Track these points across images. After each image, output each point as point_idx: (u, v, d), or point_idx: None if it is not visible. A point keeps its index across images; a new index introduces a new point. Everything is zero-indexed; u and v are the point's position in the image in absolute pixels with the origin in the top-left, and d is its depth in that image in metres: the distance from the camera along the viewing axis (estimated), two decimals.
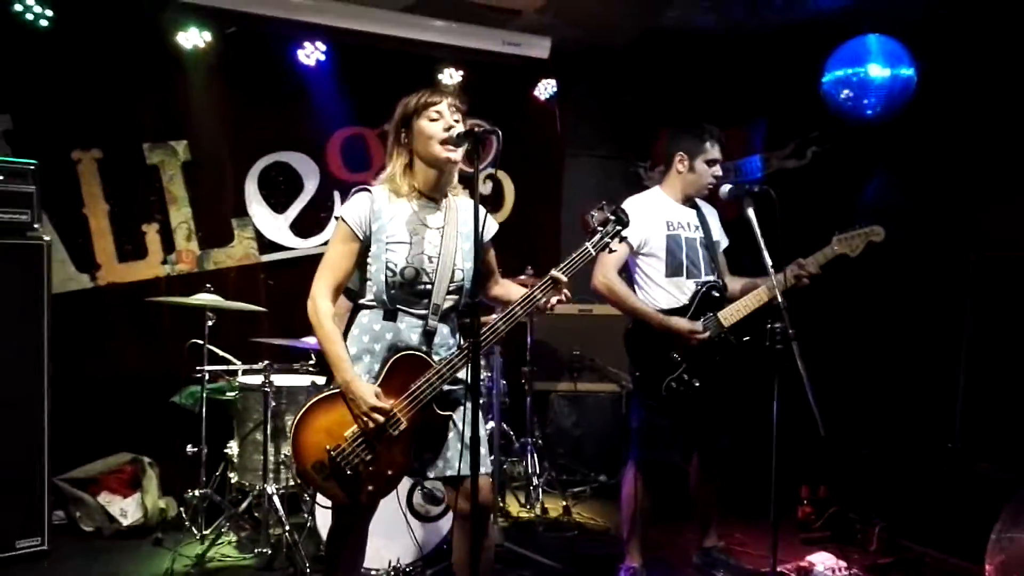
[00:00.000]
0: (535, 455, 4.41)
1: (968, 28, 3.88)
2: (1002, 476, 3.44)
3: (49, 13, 4.00)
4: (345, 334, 2.40)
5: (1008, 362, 3.70)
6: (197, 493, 3.74)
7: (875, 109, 3.96)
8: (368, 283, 2.37)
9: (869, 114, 3.99)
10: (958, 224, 3.99)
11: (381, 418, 2.24)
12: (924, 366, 4.05)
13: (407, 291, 2.34)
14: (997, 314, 3.79)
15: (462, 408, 2.37)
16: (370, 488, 2.30)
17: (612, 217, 2.40)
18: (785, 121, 4.86)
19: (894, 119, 3.98)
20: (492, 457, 4.02)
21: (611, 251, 2.46)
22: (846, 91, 3.99)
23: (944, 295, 3.99)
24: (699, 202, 3.34)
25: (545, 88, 5.22)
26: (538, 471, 4.39)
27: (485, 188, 5.15)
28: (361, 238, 2.35)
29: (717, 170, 3.22)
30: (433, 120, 2.36)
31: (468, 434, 2.25)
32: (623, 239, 2.44)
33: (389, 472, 2.31)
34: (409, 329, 2.35)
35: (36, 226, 3.54)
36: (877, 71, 3.85)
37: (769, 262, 2.72)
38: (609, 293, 3.14)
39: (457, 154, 2.35)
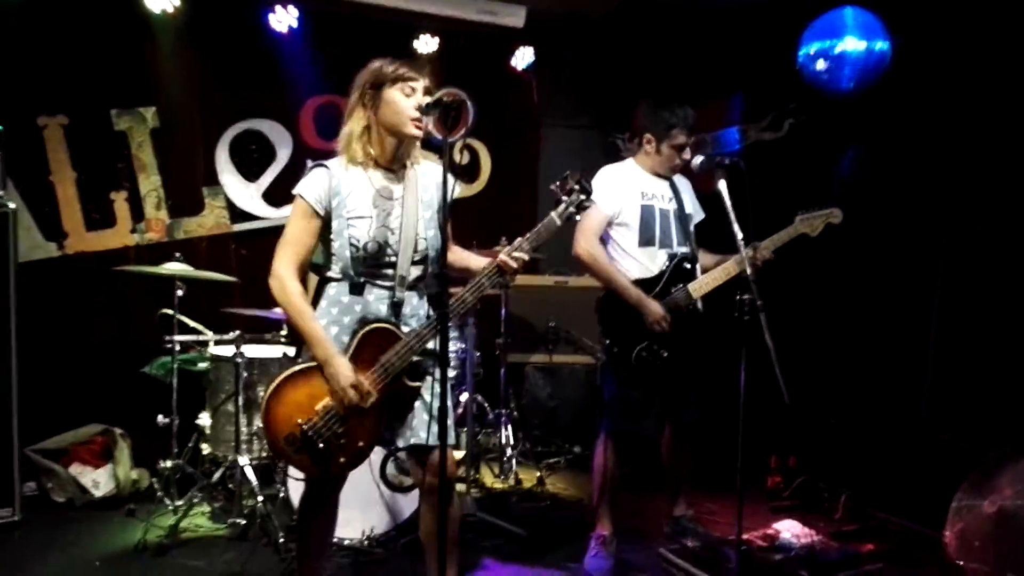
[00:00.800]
0: (509, 426, 4.44)
1: (943, 2, 3.87)
2: (965, 445, 3.52)
3: None
4: (312, 306, 2.38)
5: (977, 335, 3.76)
6: (169, 464, 3.73)
7: (850, 82, 3.96)
8: (333, 257, 2.35)
9: (844, 87, 3.98)
10: (930, 198, 4.03)
11: (357, 393, 2.24)
12: (894, 338, 4.11)
13: (372, 264, 2.33)
14: (967, 288, 3.84)
15: (430, 379, 2.37)
16: (341, 460, 2.30)
17: (576, 187, 2.38)
18: (762, 93, 4.85)
19: (869, 92, 3.99)
20: (466, 429, 4.04)
21: (575, 220, 2.44)
22: (822, 63, 3.98)
23: (915, 268, 4.03)
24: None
25: (522, 57, 5.16)
26: (512, 442, 4.42)
27: (460, 158, 5.11)
28: (322, 214, 2.33)
29: (685, 154, 3.23)
30: (407, 95, 2.32)
31: (436, 405, 2.25)
32: (587, 208, 2.42)
33: (360, 444, 2.32)
34: (377, 301, 2.34)
35: (1, 193, 3.47)
36: (853, 44, 3.84)
37: (740, 235, 2.72)
38: (592, 261, 3.15)
39: (422, 132, 2.33)
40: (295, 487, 3.27)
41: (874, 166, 4.25)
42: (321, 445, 2.26)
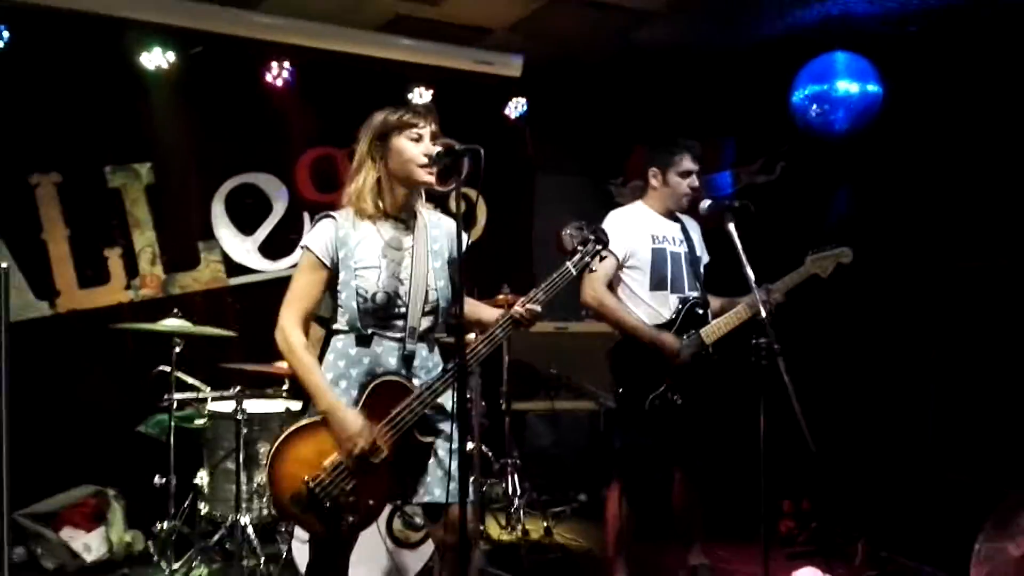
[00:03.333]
0: (515, 476, 4.35)
1: (934, 46, 3.96)
2: (973, 483, 3.48)
3: (5, 33, 3.88)
4: (320, 360, 2.33)
5: (977, 371, 3.75)
6: (165, 526, 3.58)
7: (843, 125, 4.03)
8: (340, 309, 2.31)
9: (837, 130, 4.05)
10: (924, 238, 4.05)
11: (367, 446, 2.17)
12: (894, 377, 4.09)
13: (381, 315, 2.28)
14: (965, 324, 3.84)
15: (443, 434, 2.31)
16: (351, 519, 2.22)
17: (592, 237, 2.37)
18: (755, 136, 4.92)
19: (862, 135, 4.05)
20: (473, 479, 3.95)
21: (591, 271, 2.43)
22: (815, 107, 4.05)
23: (911, 308, 4.04)
24: (682, 217, 3.35)
25: (516, 107, 5.21)
26: (518, 492, 4.32)
27: (458, 207, 5.10)
28: (329, 266, 2.29)
29: (693, 181, 3.23)
30: (414, 140, 2.30)
31: (449, 463, 2.23)
32: (604, 258, 2.42)
33: (370, 502, 2.24)
34: (386, 353, 2.29)
35: None
36: (845, 87, 3.91)
37: (752, 277, 2.71)
38: (600, 308, 3.13)
39: (434, 177, 2.31)
40: (299, 546, 3.16)
41: (867, 208, 4.29)
42: (329, 504, 2.18)
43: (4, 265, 3.39)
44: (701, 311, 3.18)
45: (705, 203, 3.04)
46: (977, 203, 3.83)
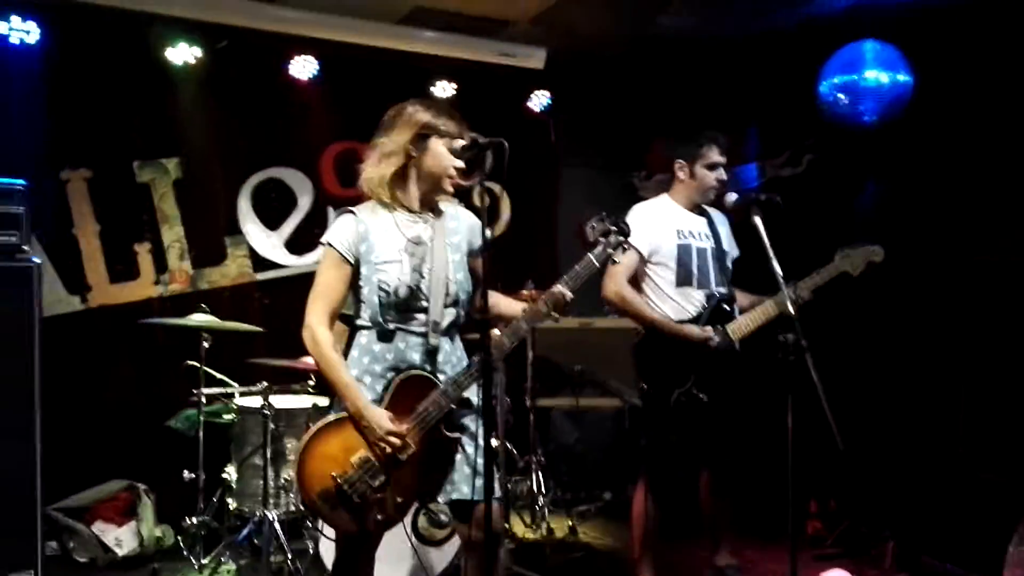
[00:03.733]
0: (539, 473, 4.34)
1: (965, 34, 3.86)
2: (1006, 483, 3.40)
3: (36, 30, 3.92)
4: (344, 356, 2.34)
5: (1009, 368, 3.67)
6: (195, 520, 3.62)
7: (872, 116, 3.94)
8: (362, 305, 2.32)
9: (866, 121, 3.96)
10: (956, 231, 3.96)
11: (398, 441, 2.18)
12: (924, 374, 4.01)
13: (403, 310, 2.28)
14: (996, 320, 3.76)
15: (469, 429, 2.31)
16: (379, 516, 2.23)
17: (614, 228, 2.35)
18: (781, 129, 4.84)
19: (891, 126, 3.96)
20: (499, 477, 3.95)
21: (614, 262, 2.41)
22: (842, 97, 3.96)
23: (944, 302, 3.96)
24: (710, 210, 3.30)
25: (539, 100, 5.18)
26: (543, 490, 4.31)
27: (479, 202, 5.09)
28: (352, 262, 2.30)
29: (720, 173, 3.18)
30: (452, 150, 2.32)
31: (476, 458, 2.23)
32: (626, 249, 2.39)
33: (399, 499, 2.24)
34: (410, 348, 2.29)
35: (25, 248, 3.45)
36: (874, 77, 3.83)
37: (779, 272, 2.67)
38: (621, 303, 3.09)
39: (453, 190, 2.35)
40: (326, 543, 3.18)
41: (896, 202, 4.20)
42: (357, 500, 2.19)
43: (37, 260, 3.48)
44: (728, 307, 3.14)
45: (731, 196, 3.00)
46: (1010, 196, 3.74)
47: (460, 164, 2.31)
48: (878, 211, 4.26)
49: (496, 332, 2.32)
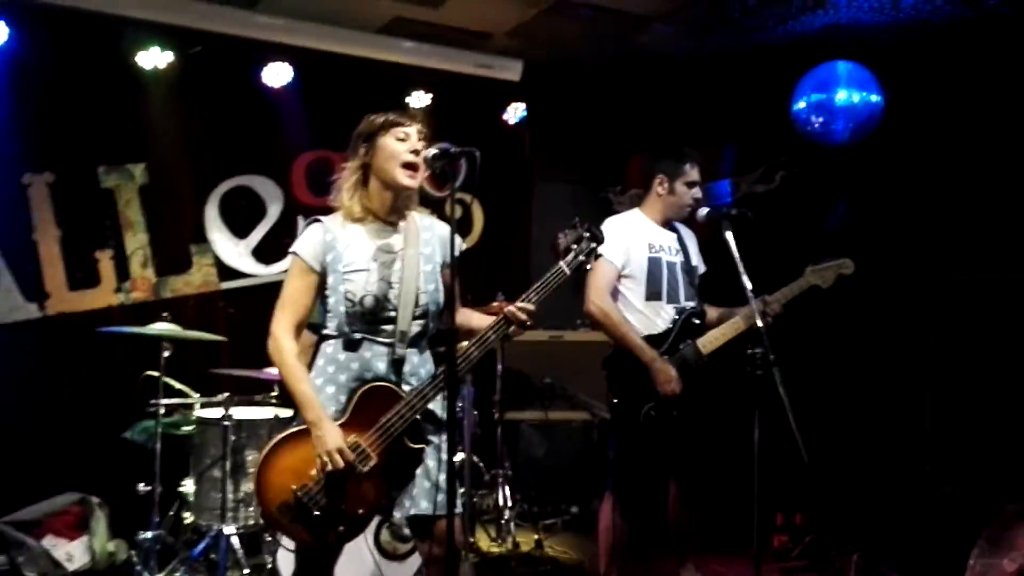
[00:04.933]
0: (506, 487, 4.28)
1: (935, 56, 3.94)
2: (969, 498, 3.43)
3: (4, 31, 3.83)
4: (310, 366, 2.30)
5: (973, 384, 3.72)
6: (149, 535, 3.51)
7: (844, 135, 3.99)
8: (328, 314, 2.28)
9: (838, 139, 4.02)
10: (923, 249, 4.02)
11: (342, 462, 2.12)
12: (890, 389, 4.05)
13: (369, 319, 2.25)
14: (962, 337, 3.80)
15: (433, 443, 2.26)
16: (340, 529, 2.18)
17: (587, 234, 2.32)
18: (754, 145, 4.89)
19: (862, 145, 4.01)
20: (463, 491, 3.89)
21: (586, 269, 2.38)
22: (815, 117, 4.01)
23: (909, 318, 4.01)
24: (678, 225, 3.32)
25: (515, 112, 5.18)
26: (509, 503, 4.26)
27: (453, 213, 5.06)
28: (318, 270, 2.27)
29: (696, 192, 3.21)
30: (400, 140, 2.28)
31: (437, 473, 2.20)
32: (598, 256, 2.37)
33: (359, 511, 2.19)
34: (375, 358, 2.25)
35: None
36: (846, 97, 3.88)
37: (749, 286, 2.67)
38: (604, 318, 3.07)
39: (415, 180, 2.28)
40: (284, 557, 3.11)
41: (866, 218, 4.25)
42: (317, 512, 2.14)
43: None
44: (698, 321, 3.13)
45: (703, 211, 3.01)
46: (976, 215, 3.80)
47: (410, 156, 2.24)
48: (848, 227, 4.30)
49: (463, 345, 2.28)
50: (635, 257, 3.13)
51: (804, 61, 4.06)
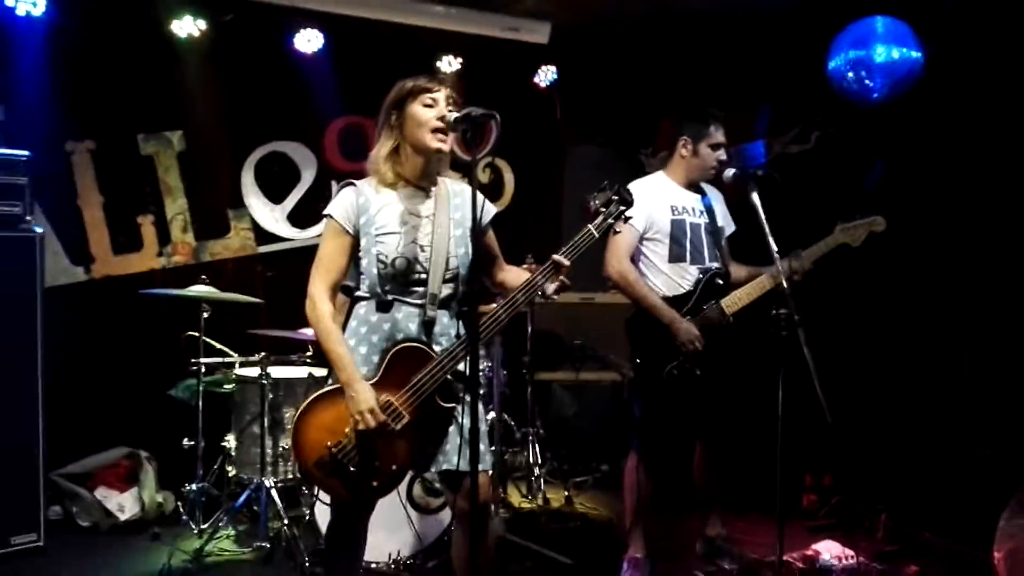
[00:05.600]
0: (536, 445, 4.37)
1: (975, 11, 3.80)
2: (1006, 459, 3.40)
3: (43, 2, 3.92)
4: (344, 327, 2.36)
5: (1014, 345, 3.65)
6: (195, 487, 3.69)
7: (881, 92, 3.88)
8: (361, 276, 2.33)
9: (875, 97, 3.91)
10: (962, 209, 3.93)
11: (373, 422, 2.19)
12: (928, 349, 4.00)
13: (401, 281, 2.30)
14: (1002, 298, 3.74)
15: (464, 401, 2.32)
16: (374, 484, 2.25)
17: (615, 197, 2.33)
18: (789, 105, 4.79)
19: (900, 103, 3.92)
20: (493, 448, 3.98)
21: (615, 232, 2.40)
22: (851, 74, 3.91)
23: (947, 279, 3.94)
24: (705, 186, 3.30)
25: (545, 75, 5.15)
26: (540, 461, 4.35)
27: (484, 177, 5.09)
28: (351, 232, 2.32)
29: (721, 154, 3.18)
30: (427, 106, 2.30)
31: (468, 427, 2.22)
32: (627, 219, 2.38)
33: (393, 467, 2.26)
34: (407, 319, 2.30)
35: (28, 218, 3.49)
36: (884, 53, 3.77)
37: (774, 247, 2.66)
38: (623, 281, 3.09)
39: (446, 144, 2.30)
40: (321, 510, 3.22)
41: (902, 178, 4.17)
42: (352, 469, 2.21)
43: (40, 230, 3.51)
44: (722, 281, 3.13)
45: (729, 172, 2.99)
46: (1016, 174, 3.70)
47: (438, 122, 2.26)
48: (884, 187, 4.22)
49: (493, 305, 2.32)
50: (658, 220, 3.13)
51: (840, 17, 3.95)
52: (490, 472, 2.65)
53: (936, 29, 3.80)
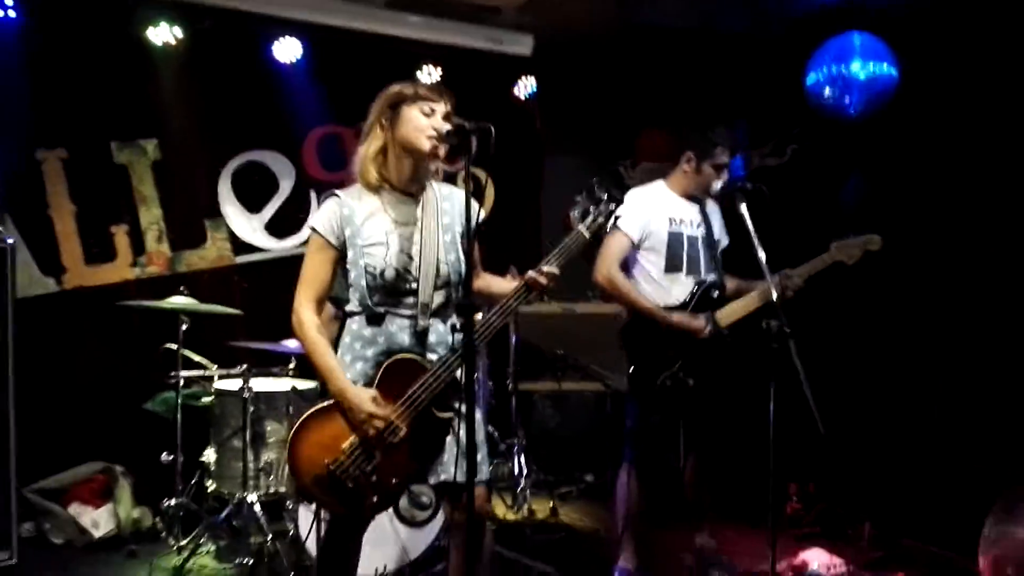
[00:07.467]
0: (521, 456, 4.35)
1: (950, 27, 3.90)
2: (982, 467, 3.46)
3: (15, 8, 3.83)
4: (337, 342, 2.32)
5: (989, 351, 3.72)
6: (173, 502, 3.60)
7: (857, 107, 3.97)
8: (350, 289, 2.30)
9: (851, 113, 3.99)
10: (937, 221, 4.01)
11: (381, 423, 2.16)
12: (903, 358, 4.06)
13: (391, 292, 2.26)
14: (975, 308, 3.81)
15: (460, 411, 2.30)
16: (374, 499, 2.21)
17: (604, 197, 2.27)
18: (766, 118, 4.86)
19: (875, 118, 4.00)
20: (487, 458, 3.95)
21: (605, 232, 2.36)
22: (828, 89, 3.99)
23: (924, 290, 4.01)
24: (703, 198, 3.30)
25: (525, 86, 5.16)
26: (524, 472, 4.33)
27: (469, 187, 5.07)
28: (336, 246, 2.28)
29: (724, 175, 3.17)
30: (426, 114, 2.27)
31: (464, 439, 2.19)
32: (618, 219, 2.35)
33: (393, 481, 2.22)
34: (400, 331, 2.27)
35: None
36: (861, 69, 3.85)
37: (764, 260, 2.69)
38: (611, 288, 3.09)
39: (440, 151, 2.27)
40: (305, 523, 3.17)
41: (879, 192, 4.25)
42: (351, 485, 2.18)
43: (11, 241, 3.41)
44: (716, 293, 3.15)
45: (716, 184, 3.01)
46: (991, 189, 3.79)
47: (435, 129, 2.22)
48: (862, 201, 4.30)
49: (479, 317, 2.30)
50: (655, 231, 3.13)
51: (817, 34, 4.03)
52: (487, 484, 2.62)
53: (911, 45, 3.89)
